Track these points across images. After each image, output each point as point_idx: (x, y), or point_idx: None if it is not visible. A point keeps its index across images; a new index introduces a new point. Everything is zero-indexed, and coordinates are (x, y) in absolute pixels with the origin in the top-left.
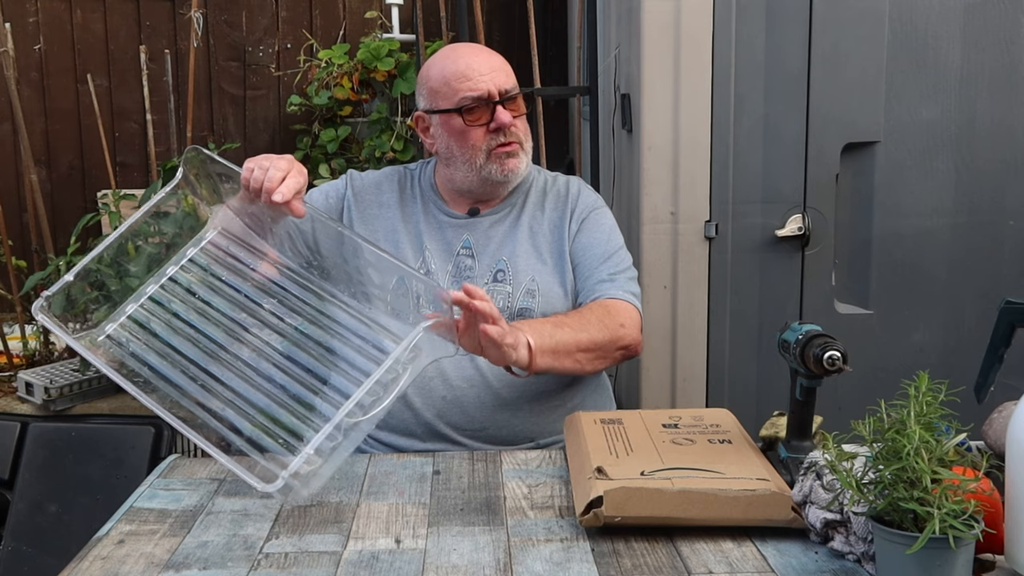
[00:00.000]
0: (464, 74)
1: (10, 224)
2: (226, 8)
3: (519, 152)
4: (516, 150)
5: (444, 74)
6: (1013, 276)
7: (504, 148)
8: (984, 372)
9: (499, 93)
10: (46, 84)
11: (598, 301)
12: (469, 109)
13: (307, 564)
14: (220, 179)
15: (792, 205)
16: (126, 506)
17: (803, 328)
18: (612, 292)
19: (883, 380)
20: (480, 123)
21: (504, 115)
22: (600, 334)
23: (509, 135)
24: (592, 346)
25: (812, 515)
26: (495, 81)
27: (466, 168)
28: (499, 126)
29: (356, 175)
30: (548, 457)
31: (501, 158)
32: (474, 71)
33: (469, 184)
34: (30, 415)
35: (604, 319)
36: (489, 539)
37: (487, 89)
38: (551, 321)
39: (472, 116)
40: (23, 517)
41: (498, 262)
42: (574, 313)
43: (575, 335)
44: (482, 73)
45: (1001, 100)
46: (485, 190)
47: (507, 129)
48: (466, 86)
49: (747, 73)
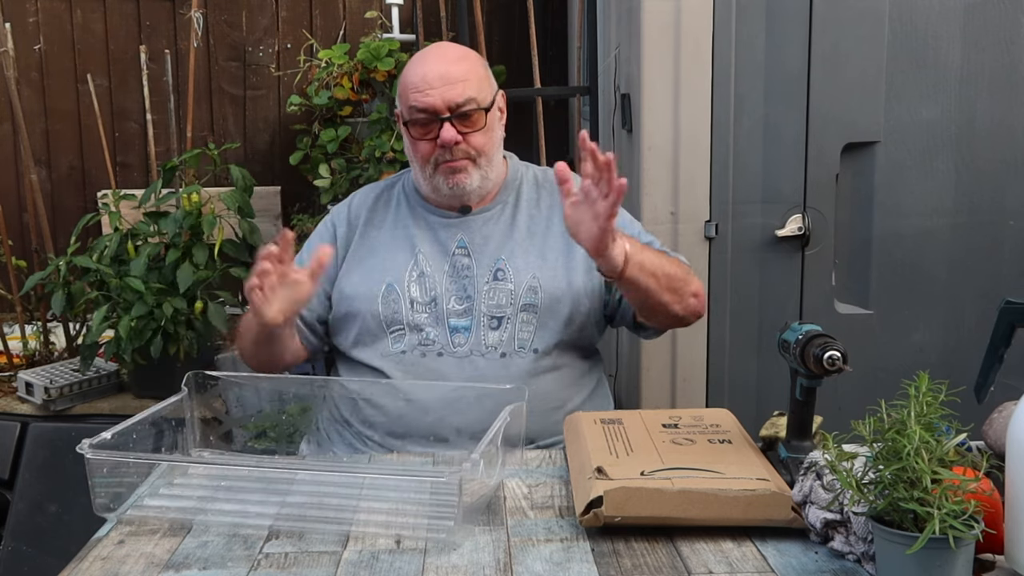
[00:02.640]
0: (416, 85)
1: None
2: (226, 8)
3: (468, 168)
4: (464, 166)
5: (404, 80)
6: (1013, 276)
7: (450, 163)
8: (984, 372)
9: (448, 108)
10: (46, 84)
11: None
12: (416, 122)
13: (307, 564)
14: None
15: (792, 205)
16: (126, 506)
17: (803, 328)
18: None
19: (883, 380)
20: (428, 137)
21: (447, 133)
22: (679, 271)
23: (456, 152)
24: (673, 277)
25: (812, 515)
26: (444, 96)
27: (420, 176)
28: (443, 143)
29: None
30: (548, 457)
31: (447, 173)
32: (425, 83)
33: (426, 191)
34: (30, 415)
35: (680, 264)
36: (489, 539)
37: (433, 104)
38: (639, 245)
39: (420, 129)
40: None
41: (497, 261)
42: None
43: (660, 261)
44: (432, 86)
45: (1001, 100)
46: (441, 199)
47: (451, 147)
48: (415, 98)
49: (747, 73)
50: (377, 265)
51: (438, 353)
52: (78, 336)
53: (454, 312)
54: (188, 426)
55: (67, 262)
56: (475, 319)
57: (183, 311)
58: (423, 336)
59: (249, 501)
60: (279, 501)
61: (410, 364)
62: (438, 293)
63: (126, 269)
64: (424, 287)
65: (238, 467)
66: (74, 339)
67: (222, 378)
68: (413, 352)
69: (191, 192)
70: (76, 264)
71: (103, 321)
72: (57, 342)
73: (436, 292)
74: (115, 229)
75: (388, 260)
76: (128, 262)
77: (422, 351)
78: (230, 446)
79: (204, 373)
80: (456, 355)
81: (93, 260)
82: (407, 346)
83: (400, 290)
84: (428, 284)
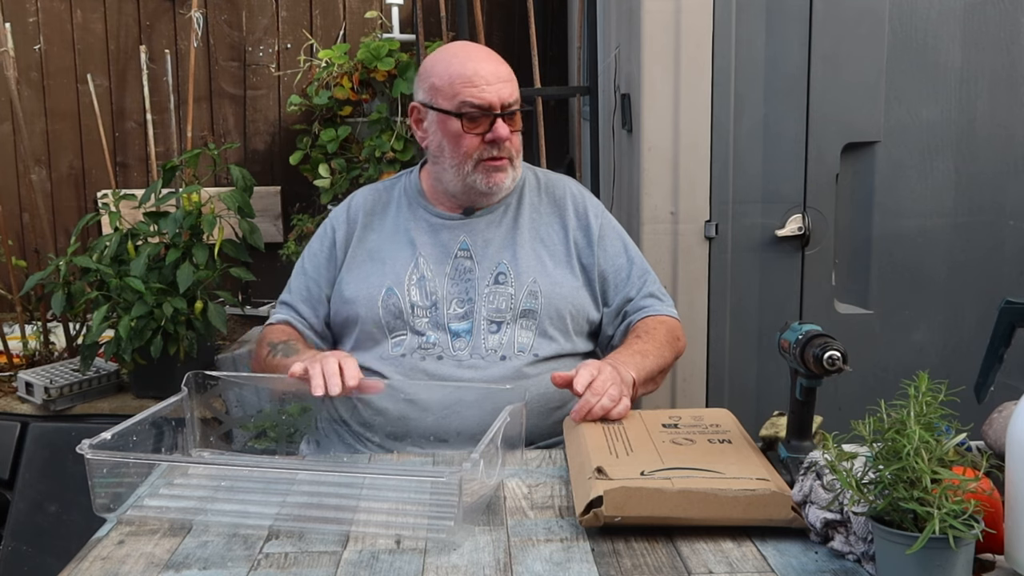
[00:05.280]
0: (470, 79)
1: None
2: (226, 8)
3: (507, 168)
4: (505, 165)
5: (450, 73)
6: (1013, 276)
7: (494, 162)
8: (984, 372)
9: (501, 106)
10: (46, 84)
11: (659, 319)
12: (470, 116)
13: (307, 564)
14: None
15: (792, 205)
16: (126, 506)
17: (803, 328)
18: (664, 310)
19: (883, 380)
20: (477, 132)
21: (502, 129)
22: (671, 355)
23: (502, 149)
24: (666, 367)
25: (812, 515)
26: (500, 93)
27: (453, 171)
28: (495, 139)
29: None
30: (548, 457)
31: (488, 171)
32: (481, 78)
33: (454, 188)
34: (30, 415)
35: (672, 342)
36: (489, 539)
37: (490, 100)
38: (639, 351)
39: (470, 124)
40: (23, 517)
41: (499, 265)
42: (648, 338)
43: (657, 361)
44: (489, 83)
45: (1001, 100)
46: (468, 197)
47: (502, 143)
48: (470, 92)
49: (747, 73)
50: (376, 268)
51: (438, 356)
52: (78, 336)
53: (454, 316)
54: (188, 426)
55: (67, 262)
56: (475, 323)
57: (183, 311)
58: (423, 340)
59: (249, 501)
60: (279, 501)
61: (409, 367)
62: (439, 297)
63: (126, 269)
64: (424, 291)
65: (238, 467)
66: (74, 339)
67: (222, 378)
68: (413, 355)
69: (191, 192)
70: (76, 264)
71: (103, 321)
72: (57, 342)
73: (437, 296)
74: (115, 229)
75: (388, 263)
76: (128, 262)
77: (422, 354)
78: (230, 446)
79: (204, 373)
80: (456, 358)
81: (93, 260)
82: (407, 349)
83: (400, 294)
84: (429, 288)
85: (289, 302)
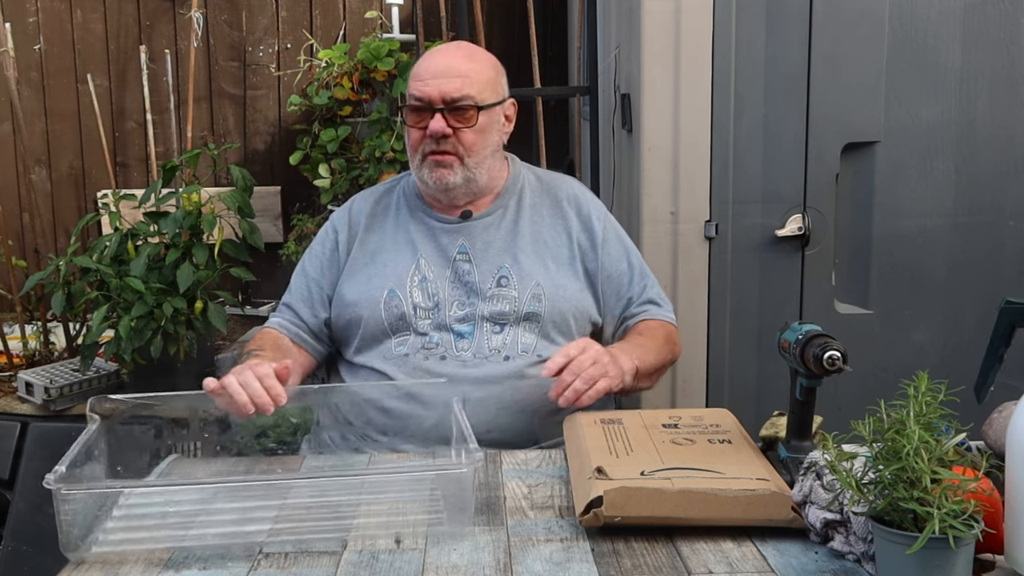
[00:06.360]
0: (419, 73)
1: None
2: (226, 8)
3: (454, 164)
4: (450, 161)
5: (415, 68)
6: (1013, 276)
7: (436, 156)
8: (984, 372)
9: (443, 100)
10: (46, 84)
11: (660, 323)
12: (412, 108)
13: (307, 564)
14: None
15: (792, 205)
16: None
17: (803, 328)
18: (663, 315)
19: (883, 380)
20: (420, 125)
21: (436, 123)
22: (669, 356)
23: (443, 144)
24: (663, 367)
25: (812, 515)
26: (441, 87)
27: (413, 167)
28: (431, 133)
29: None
30: (548, 457)
31: (432, 166)
32: (428, 72)
33: (420, 185)
34: (30, 415)
35: (670, 344)
36: (489, 539)
37: (430, 93)
38: (640, 344)
39: (413, 117)
40: (23, 517)
41: (500, 268)
42: (649, 335)
43: (657, 357)
44: (434, 76)
45: (1001, 100)
46: (432, 194)
47: (439, 138)
48: (414, 85)
49: (747, 73)
50: (379, 271)
51: (441, 356)
52: (78, 336)
53: (456, 318)
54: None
55: (67, 262)
56: (477, 324)
57: (183, 311)
58: (426, 340)
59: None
60: (279, 504)
61: (412, 367)
62: (441, 299)
63: (126, 269)
64: (427, 292)
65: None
66: (74, 339)
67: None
68: (416, 355)
69: (191, 192)
70: (76, 264)
71: (103, 321)
72: (57, 342)
73: (439, 298)
74: (115, 229)
75: (390, 265)
76: (128, 262)
77: (425, 354)
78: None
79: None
80: (459, 358)
81: (93, 260)
82: (410, 349)
83: (403, 295)
84: (431, 289)
85: (289, 303)
